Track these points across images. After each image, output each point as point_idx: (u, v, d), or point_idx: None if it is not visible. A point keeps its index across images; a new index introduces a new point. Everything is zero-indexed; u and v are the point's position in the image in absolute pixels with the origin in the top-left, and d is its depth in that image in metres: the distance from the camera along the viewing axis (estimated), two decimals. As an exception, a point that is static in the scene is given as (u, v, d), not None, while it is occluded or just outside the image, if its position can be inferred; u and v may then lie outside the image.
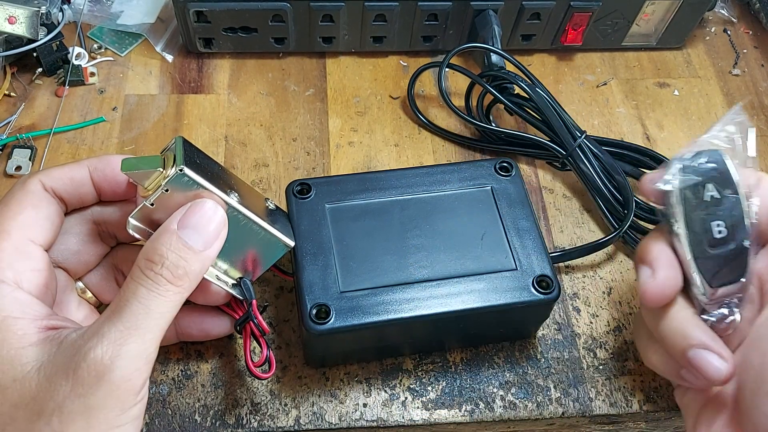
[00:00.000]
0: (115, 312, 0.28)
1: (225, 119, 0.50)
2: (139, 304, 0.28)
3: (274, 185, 0.47)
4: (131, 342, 0.28)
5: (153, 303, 0.29)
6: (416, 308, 0.35)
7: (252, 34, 0.51)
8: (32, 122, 0.49)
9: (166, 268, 0.29)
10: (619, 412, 0.39)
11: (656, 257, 0.34)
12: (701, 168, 0.33)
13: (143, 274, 0.29)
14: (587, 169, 0.45)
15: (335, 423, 0.38)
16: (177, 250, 0.30)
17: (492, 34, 0.51)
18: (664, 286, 0.33)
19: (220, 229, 0.32)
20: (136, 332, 0.28)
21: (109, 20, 0.54)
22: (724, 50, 0.58)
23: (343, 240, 0.37)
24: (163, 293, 0.29)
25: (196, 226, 0.31)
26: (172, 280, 0.29)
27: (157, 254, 0.29)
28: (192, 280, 0.30)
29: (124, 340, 0.28)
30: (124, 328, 0.28)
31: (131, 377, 0.28)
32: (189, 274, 0.30)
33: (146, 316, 0.28)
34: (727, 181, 0.33)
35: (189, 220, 0.31)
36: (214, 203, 0.32)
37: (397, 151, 0.50)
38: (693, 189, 0.33)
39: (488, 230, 0.38)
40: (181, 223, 0.30)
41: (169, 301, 0.29)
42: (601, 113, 0.53)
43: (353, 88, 0.53)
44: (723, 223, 0.33)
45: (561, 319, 0.42)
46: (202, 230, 0.31)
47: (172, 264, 0.29)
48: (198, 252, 0.30)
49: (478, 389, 0.39)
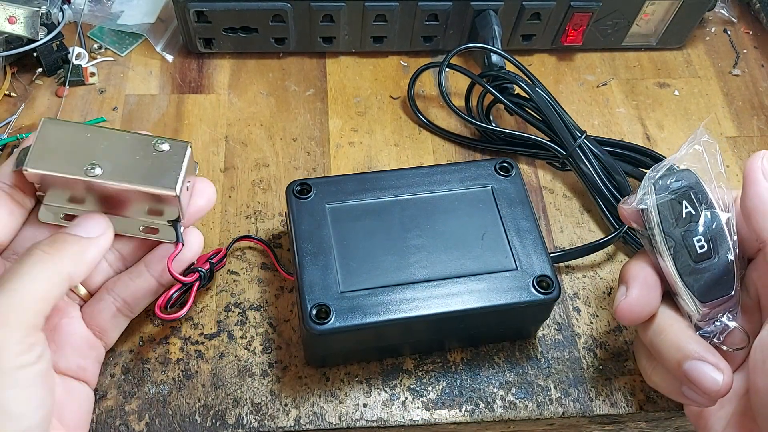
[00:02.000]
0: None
1: (225, 119, 0.50)
2: (29, 257, 0.30)
3: (274, 185, 0.47)
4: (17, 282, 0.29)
5: (36, 258, 0.30)
6: (416, 308, 0.35)
7: (252, 34, 0.51)
8: (32, 122, 0.49)
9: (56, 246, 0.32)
10: (619, 412, 0.39)
11: (633, 276, 0.34)
12: (674, 186, 0.34)
13: (37, 248, 0.31)
14: (587, 169, 0.46)
15: (335, 423, 0.38)
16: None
17: (492, 34, 0.51)
18: (635, 304, 0.34)
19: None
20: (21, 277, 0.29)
21: (109, 20, 0.54)
22: (724, 50, 0.58)
23: (343, 240, 0.37)
24: (44, 259, 0.31)
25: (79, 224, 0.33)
26: (50, 252, 0.31)
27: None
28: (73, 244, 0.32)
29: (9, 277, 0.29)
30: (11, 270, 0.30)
31: (25, 316, 0.28)
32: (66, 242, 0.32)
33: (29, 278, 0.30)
34: (701, 197, 0.34)
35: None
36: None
37: (397, 151, 0.50)
38: (669, 206, 0.33)
39: (488, 230, 0.39)
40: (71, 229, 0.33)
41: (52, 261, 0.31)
42: (601, 113, 0.53)
43: (353, 88, 0.53)
44: (702, 238, 0.33)
45: (561, 319, 0.42)
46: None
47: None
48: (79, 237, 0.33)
49: (478, 389, 0.39)
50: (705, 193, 0.34)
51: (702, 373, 0.32)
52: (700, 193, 0.34)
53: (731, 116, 0.54)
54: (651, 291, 0.34)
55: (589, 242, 0.44)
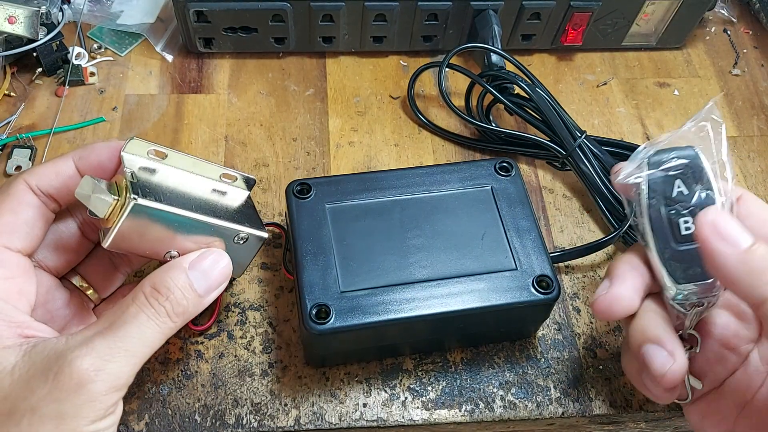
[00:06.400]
0: (110, 329, 0.29)
1: (225, 119, 0.50)
2: (137, 328, 0.29)
3: (274, 185, 0.47)
4: (118, 361, 0.28)
5: (149, 331, 0.30)
6: (416, 308, 0.35)
7: (252, 34, 0.51)
8: (32, 122, 0.49)
9: (169, 301, 0.31)
10: (619, 412, 0.39)
11: (618, 274, 0.34)
12: (671, 162, 0.32)
13: (147, 301, 0.30)
14: (587, 169, 0.46)
15: (335, 423, 0.38)
16: (183, 289, 0.31)
17: (492, 34, 0.51)
18: (613, 299, 0.33)
19: (221, 280, 0.33)
20: (125, 353, 0.29)
21: (109, 20, 0.54)
22: (724, 50, 0.58)
23: (343, 240, 0.37)
24: (160, 324, 0.30)
25: (204, 272, 0.32)
26: (171, 315, 0.31)
27: (164, 286, 0.31)
28: (185, 320, 0.32)
29: (111, 357, 0.28)
30: (116, 346, 0.29)
31: (108, 392, 0.28)
32: (186, 313, 0.31)
33: (139, 340, 0.29)
34: (698, 178, 0.32)
35: (200, 264, 0.32)
36: (224, 254, 0.33)
37: (397, 151, 0.50)
38: (661, 183, 0.32)
39: (488, 230, 0.39)
40: (192, 264, 0.32)
41: (162, 333, 0.30)
42: (601, 113, 0.53)
43: (353, 88, 0.53)
44: (690, 219, 0.32)
45: (561, 319, 0.42)
46: (208, 277, 0.32)
47: (176, 300, 0.31)
48: (199, 296, 0.32)
49: (478, 389, 0.39)
50: (703, 174, 0.32)
51: (653, 356, 0.32)
52: (698, 173, 0.32)
53: (731, 116, 0.54)
54: (632, 290, 0.33)
55: (589, 242, 0.44)
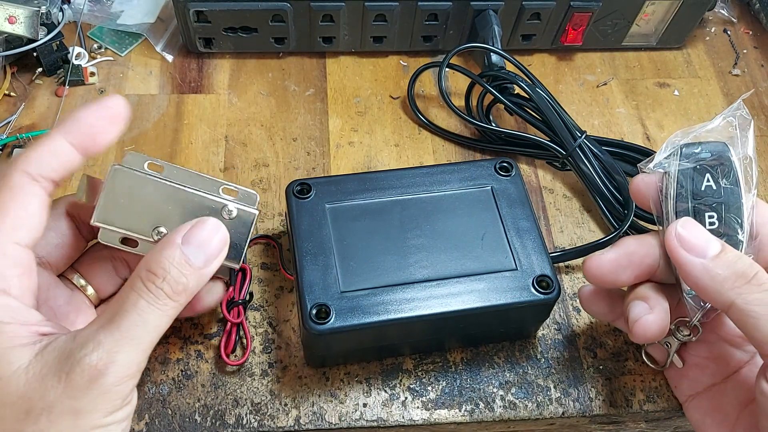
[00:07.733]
0: (112, 321, 0.29)
1: (225, 119, 0.50)
2: (138, 316, 0.29)
3: (274, 185, 0.47)
4: (126, 351, 0.28)
5: (151, 316, 0.29)
6: (416, 308, 0.35)
7: (252, 34, 0.51)
8: (32, 122, 0.49)
9: (167, 282, 0.30)
10: (619, 412, 0.39)
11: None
12: (702, 155, 0.32)
13: (144, 286, 0.29)
14: (587, 169, 0.46)
15: (335, 423, 0.38)
16: (179, 266, 0.30)
17: (492, 34, 0.51)
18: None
19: (221, 247, 0.32)
20: (131, 342, 0.29)
21: (109, 20, 0.54)
22: (724, 50, 0.58)
23: (343, 240, 0.37)
24: (161, 307, 0.29)
25: (199, 243, 0.31)
26: (171, 295, 0.30)
27: (160, 267, 0.30)
28: (189, 295, 0.31)
29: (119, 349, 0.28)
30: (121, 337, 0.28)
31: (121, 383, 0.28)
32: (187, 289, 0.30)
33: (143, 327, 0.29)
34: (726, 173, 0.32)
35: (193, 237, 0.31)
36: (218, 222, 0.32)
37: (397, 151, 0.50)
38: (690, 175, 0.32)
39: (488, 230, 0.38)
40: (185, 238, 0.31)
41: (166, 315, 0.30)
42: (601, 113, 0.53)
43: (353, 88, 0.53)
44: (715, 215, 0.32)
45: (561, 319, 0.42)
46: (205, 247, 0.31)
47: (173, 279, 0.30)
48: (198, 269, 0.31)
49: (478, 389, 0.39)
50: (733, 170, 0.32)
51: (634, 306, 0.33)
52: (728, 169, 0.32)
53: (731, 116, 0.54)
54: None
55: (589, 242, 0.44)
